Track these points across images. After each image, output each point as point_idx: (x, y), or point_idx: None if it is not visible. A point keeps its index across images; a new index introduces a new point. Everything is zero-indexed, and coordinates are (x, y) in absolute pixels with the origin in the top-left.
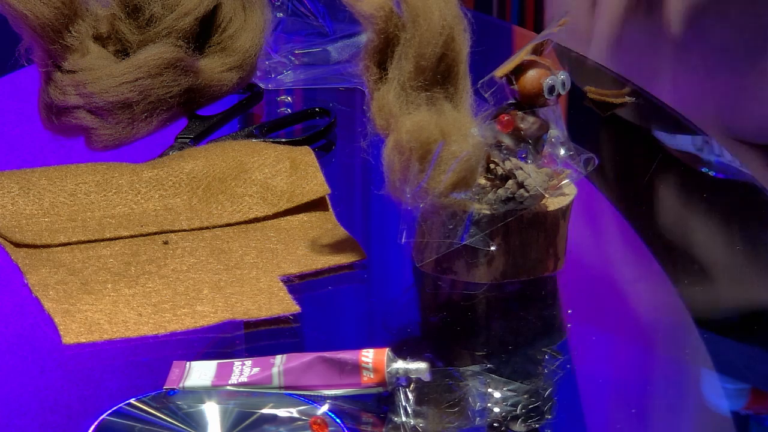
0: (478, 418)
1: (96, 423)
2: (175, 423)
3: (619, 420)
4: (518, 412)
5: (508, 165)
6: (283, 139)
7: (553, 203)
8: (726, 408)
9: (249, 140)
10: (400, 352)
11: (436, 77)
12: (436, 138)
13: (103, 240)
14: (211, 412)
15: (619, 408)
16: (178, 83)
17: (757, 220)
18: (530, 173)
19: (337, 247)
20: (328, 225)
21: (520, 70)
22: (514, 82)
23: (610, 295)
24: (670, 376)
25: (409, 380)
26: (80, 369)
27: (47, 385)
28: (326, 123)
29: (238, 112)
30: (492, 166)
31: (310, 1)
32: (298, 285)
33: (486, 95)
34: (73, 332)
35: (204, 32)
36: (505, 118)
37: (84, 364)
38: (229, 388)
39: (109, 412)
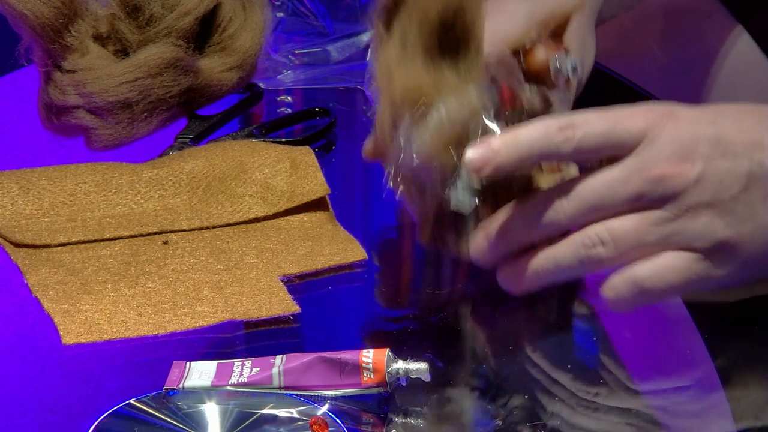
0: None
1: (96, 423)
2: (175, 423)
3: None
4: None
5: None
6: (283, 139)
7: (546, 181)
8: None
9: (249, 140)
10: (400, 352)
11: (442, 46)
12: (431, 97)
13: (103, 240)
14: (211, 413)
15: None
16: (178, 83)
17: None
18: None
19: (337, 247)
20: (328, 225)
21: (532, 48)
22: (523, 60)
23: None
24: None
25: (409, 380)
26: (80, 369)
27: (47, 385)
28: (326, 123)
29: (238, 112)
30: (488, 132)
31: (310, 1)
32: (298, 285)
33: None
34: (72, 332)
35: (204, 32)
36: (508, 89)
37: (84, 364)
38: (229, 388)
39: (109, 412)
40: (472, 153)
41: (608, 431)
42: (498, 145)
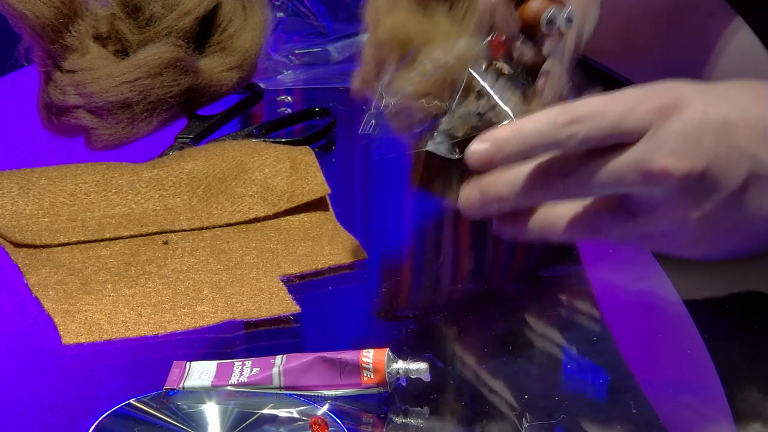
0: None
1: (96, 423)
2: (175, 423)
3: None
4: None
5: (484, 84)
6: (283, 139)
7: None
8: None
9: (249, 140)
10: (400, 352)
11: None
12: (416, 40)
13: (103, 240)
14: (211, 413)
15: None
16: (178, 83)
17: None
18: (503, 97)
19: (337, 247)
20: (328, 225)
21: None
22: (515, 9)
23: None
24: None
25: (409, 380)
26: (80, 369)
27: (47, 386)
28: (326, 123)
29: (238, 112)
30: (473, 82)
31: (310, 1)
32: (298, 285)
33: None
34: (72, 332)
35: (204, 32)
36: (498, 40)
37: (84, 364)
38: (229, 388)
39: (109, 412)
40: (475, 148)
41: (609, 431)
42: (502, 139)
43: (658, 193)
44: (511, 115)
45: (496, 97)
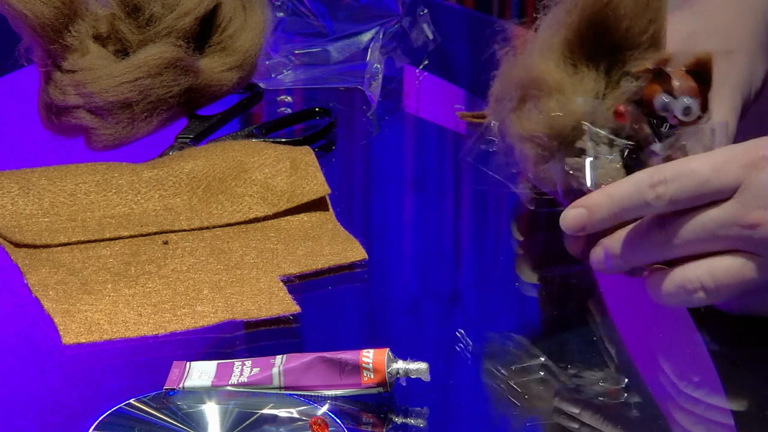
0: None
1: (96, 423)
2: (175, 423)
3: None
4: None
5: (585, 144)
6: (283, 139)
7: None
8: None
9: (249, 140)
10: (400, 353)
11: (590, 46)
12: (544, 87)
13: (103, 240)
14: (211, 413)
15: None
16: (178, 83)
17: None
18: (599, 164)
19: (337, 247)
20: (328, 225)
21: (660, 75)
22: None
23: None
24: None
25: (409, 380)
26: (80, 369)
27: (47, 385)
28: (326, 123)
29: (238, 112)
30: (577, 141)
31: (310, 1)
32: (298, 285)
33: None
34: (72, 332)
35: (204, 32)
36: (623, 109)
37: (84, 364)
38: (229, 388)
39: (109, 412)
40: (568, 214)
41: (609, 430)
42: (594, 204)
43: (754, 246)
44: (588, 183)
45: (587, 162)
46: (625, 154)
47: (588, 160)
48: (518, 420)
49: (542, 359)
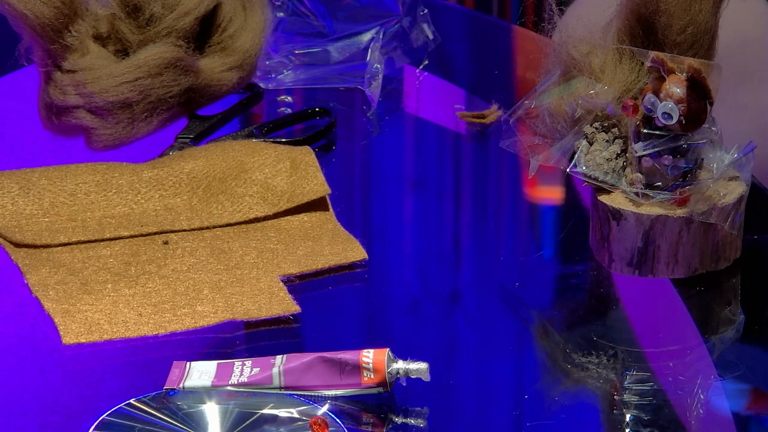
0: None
1: (96, 423)
2: (175, 423)
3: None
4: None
5: (587, 129)
6: (283, 139)
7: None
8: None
9: (249, 140)
10: (400, 353)
11: (636, 41)
12: (585, 69)
13: (103, 240)
14: (211, 413)
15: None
16: (178, 83)
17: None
18: (597, 151)
19: (337, 247)
20: (328, 225)
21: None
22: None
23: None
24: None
25: (409, 380)
26: (80, 369)
27: (47, 385)
28: (326, 123)
29: (238, 112)
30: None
31: (310, 1)
32: (298, 285)
33: None
34: (72, 332)
35: (204, 32)
36: (630, 103)
37: (84, 364)
38: (229, 388)
39: (109, 412)
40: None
41: (609, 429)
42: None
43: None
44: (585, 168)
45: (581, 145)
46: (619, 147)
47: (583, 143)
48: (521, 419)
49: (540, 359)
